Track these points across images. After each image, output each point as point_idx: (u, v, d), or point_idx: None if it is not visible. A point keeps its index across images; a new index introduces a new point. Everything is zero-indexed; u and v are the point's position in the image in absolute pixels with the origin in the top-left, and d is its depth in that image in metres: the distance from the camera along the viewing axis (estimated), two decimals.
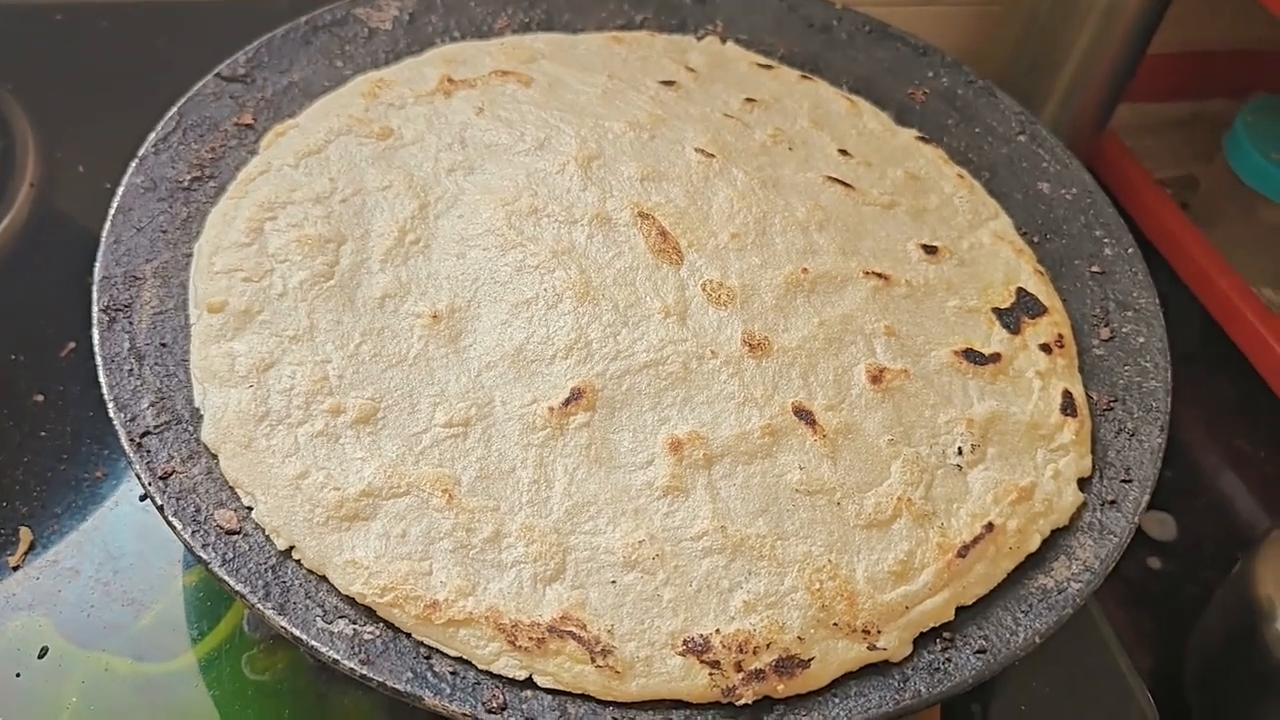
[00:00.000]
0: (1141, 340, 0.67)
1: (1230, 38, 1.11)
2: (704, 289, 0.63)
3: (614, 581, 0.53)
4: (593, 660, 0.50)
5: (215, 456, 0.55)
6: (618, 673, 0.50)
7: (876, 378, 0.61)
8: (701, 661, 0.51)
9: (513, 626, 0.50)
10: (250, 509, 0.53)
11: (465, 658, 0.50)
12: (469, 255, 0.63)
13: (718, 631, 0.52)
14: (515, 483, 0.55)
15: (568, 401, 0.58)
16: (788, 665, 0.51)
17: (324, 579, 0.52)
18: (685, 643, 0.51)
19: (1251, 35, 1.10)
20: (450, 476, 0.55)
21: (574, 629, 0.51)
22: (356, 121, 0.69)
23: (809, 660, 0.52)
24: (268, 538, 0.53)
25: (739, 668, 0.51)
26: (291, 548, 0.52)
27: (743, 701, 0.50)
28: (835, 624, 0.53)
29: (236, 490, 0.54)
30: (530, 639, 0.50)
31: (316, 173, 0.66)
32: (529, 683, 0.50)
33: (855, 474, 0.58)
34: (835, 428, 0.59)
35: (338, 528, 0.53)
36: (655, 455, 0.57)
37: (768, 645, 0.51)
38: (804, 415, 0.59)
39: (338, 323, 0.60)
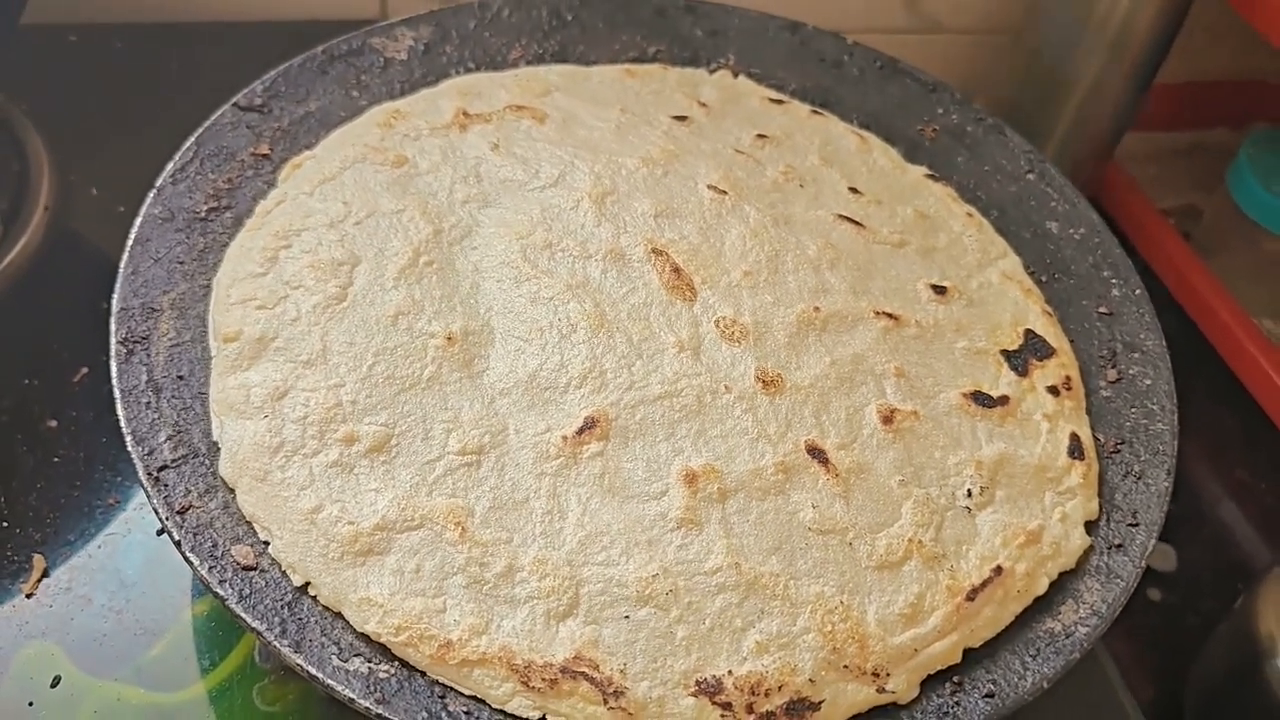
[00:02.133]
0: (1148, 383, 0.67)
1: (1232, 68, 1.12)
2: (717, 325, 0.64)
3: (627, 617, 0.53)
4: (605, 702, 0.50)
5: (233, 490, 0.55)
6: (630, 714, 0.50)
7: (888, 418, 0.62)
8: (713, 703, 0.51)
9: (525, 667, 0.51)
10: (267, 544, 0.54)
11: (480, 696, 0.51)
12: (483, 286, 0.64)
13: (730, 672, 0.52)
14: (528, 513, 0.56)
15: (581, 430, 0.58)
16: (798, 708, 0.52)
17: (339, 615, 0.52)
18: (698, 683, 0.52)
19: (1253, 66, 1.11)
20: (464, 508, 0.55)
21: (587, 669, 0.51)
22: (371, 150, 0.70)
23: (819, 703, 0.52)
24: (284, 573, 0.53)
25: (750, 709, 0.51)
26: (307, 584, 0.53)
27: None
28: (846, 666, 0.53)
29: (254, 525, 0.54)
30: (543, 680, 0.50)
31: (331, 197, 0.67)
32: None
33: (867, 514, 0.58)
34: (848, 467, 0.59)
35: (353, 563, 0.53)
36: (669, 486, 0.57)
37: (779, 687, 0.52)
38: (817, 454, 0.60)
39: (350, 344, 0.60)
